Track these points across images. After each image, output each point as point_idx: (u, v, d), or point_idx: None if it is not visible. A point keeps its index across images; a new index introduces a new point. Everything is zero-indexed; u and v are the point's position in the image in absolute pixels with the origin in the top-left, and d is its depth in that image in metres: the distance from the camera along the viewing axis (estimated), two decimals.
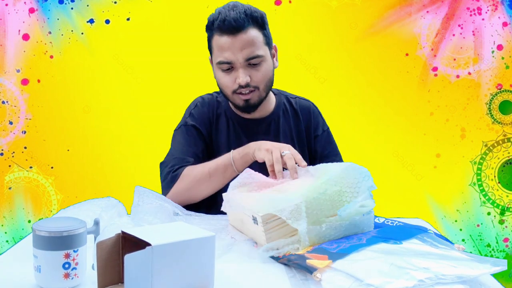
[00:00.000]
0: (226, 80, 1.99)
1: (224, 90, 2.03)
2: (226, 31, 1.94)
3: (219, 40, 1.96)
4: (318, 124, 2.21)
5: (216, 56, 1.99)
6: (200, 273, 1.19)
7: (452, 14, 3.24)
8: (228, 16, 1.94)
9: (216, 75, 2.04)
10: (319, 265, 1.26)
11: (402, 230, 1.55)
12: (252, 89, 1.99)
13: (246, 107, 2.03)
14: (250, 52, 1.95)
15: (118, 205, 1.63)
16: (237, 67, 1.96)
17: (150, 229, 1.24)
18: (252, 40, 1.96)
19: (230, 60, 1.95)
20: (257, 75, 1.98)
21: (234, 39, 1.94)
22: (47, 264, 1.18)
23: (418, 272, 1.21)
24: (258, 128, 2.11)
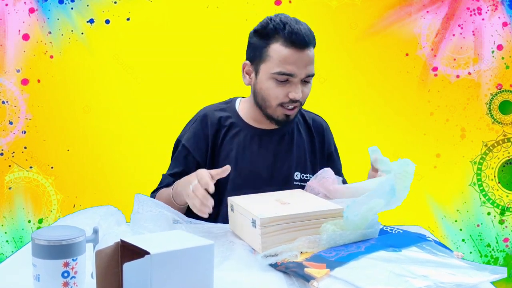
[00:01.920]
0: (278, 92, 1.95)
1: (269, 100, 1.98)
2: (295, 44, 1.91)
3: (282, 51, 1.92)
4: (330, 142, 2.22)
5: (274, 65, 1.93)
6: (199, 281, 1.20)
7: (452, 14, 3.23)
8: (299, 30, 1.92)
9: (263, 83, 1.98)
10: (316, 274, 1.26)
11: (401, 237, 1.56)
12: (297, 105, 1.98)
13: (285, 121, 2.01)
14: (310, 69, 1.95)
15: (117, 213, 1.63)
16: (295, 82, 1.94)
17: (149, 238, 1.24)
18: (312, 58, 1.96)
19: (294, 73, 1.92)
20: (306, 92, 1.98)
21: (301, 53, 1.92)
22: (46, 273, 1.18)
23: (417, 280, 1.21)
24: (272, 138, 2.09)
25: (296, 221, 1.53)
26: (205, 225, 1.82)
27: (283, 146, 2.09)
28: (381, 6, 3.22)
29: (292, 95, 1.93)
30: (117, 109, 3.22)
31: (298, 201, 1.70)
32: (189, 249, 1.18)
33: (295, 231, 1.53)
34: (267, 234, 1.50)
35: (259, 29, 1.99)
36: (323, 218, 1.54)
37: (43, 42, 3.17)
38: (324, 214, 1.55)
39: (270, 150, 2.06)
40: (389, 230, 1.64)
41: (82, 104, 3.21)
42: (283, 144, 2.10)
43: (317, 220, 1.54)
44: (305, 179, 2.07)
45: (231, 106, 2.15)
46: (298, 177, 2.06)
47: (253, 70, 2.02)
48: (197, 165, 2.06)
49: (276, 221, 1.52)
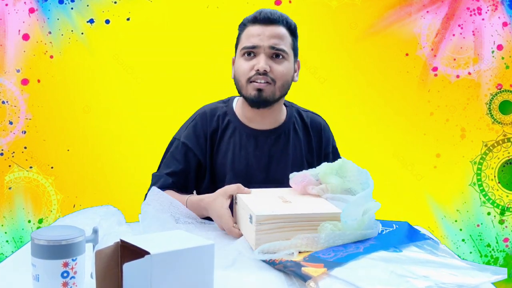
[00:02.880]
0: (245, 67, 1.99)
1: (240, 80, 2.01)
2: (259, 21, 1.99)
3: (250, 30, 2.00)
4: (328, 141, 2.21)
5: (242, 43, 2.01)
6: (199, 281, 1.19)
7: (452, 14, 3.23)
8: (265, 10, 2.00)
9: (236, 65, 2.04)
10: (313, 273, 1.26)
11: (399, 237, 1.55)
12: (269, 81, 1.98)
13: (257, 98, 1.99)
14: (276, 42, 1.98)
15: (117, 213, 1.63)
16: (259, 53, 1.97)
17: (149, 238, 1.24)
18: (281, 34, 2.00)
19: (256, 44, 1.97)
20: (278, 69, 1.99)
21: (265, 28, 1.98)
22: (45, 273, 1.18)
23: (418, 280, 1.21)
24: (268, 139, 2.10)
25: (292, 221, 1.54)
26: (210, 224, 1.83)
27: (279, 147, 2.10)
28: (381, 6, 3.22)
29: (256, 66, 1.96)
30: (117, 109, 3.22)
31: (300, 201, 1.70)
32: (189, 249, 1.18)
33: (290, 230, 1.53)
34: (262, 231, 1.51)
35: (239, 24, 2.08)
36: (320, 221, 1.54)
37: (43, 42, 3.17)
38: (321, 217, 1.55)
39: (265, 151, 2.07)
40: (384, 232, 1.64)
41: (82, 104, 3.21)
42: (278, 145, 2.10)
43: (314, 222, 1.54)
44: None
45: (229, 105, 2.16)
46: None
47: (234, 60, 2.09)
48: (198, 162, 2.08)
49: (272, 219, 1.52)
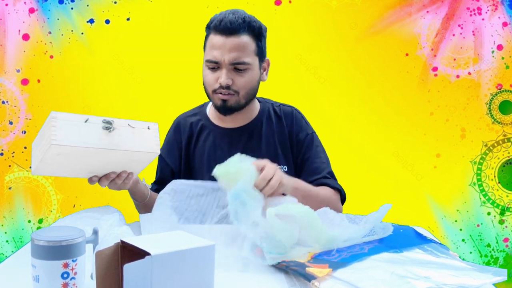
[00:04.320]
0: (210, 78, 2.02)
1: (206, 88, 2.06)
2: (220, 31, 1.98)
3: (212, 39, 2.00)
4: (301, 128, 2.20)
5: (206, 53, 2.04)
6: (200, 282, 1.19)
7: (452, 14, 3.23)
8: (225, 18, 1.98)
9: (203, 72, 2.07)
10: (318, 274, 1.26)
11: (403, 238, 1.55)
12: (232, 93, 2.01)
13: (223, 108, 2.05)
14: (237, 56, 1.98)
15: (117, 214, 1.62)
16: (222, 68, 1.99)
17: (149, 238, 1.23)
18: (242, 45, 1.99)
19: (217, 59, 1.98)
20: (240, 81, 2.01)
21: (226, 40, 1.98)
22: (45, 274, 1.18)
23: (419, 281, 1.21)
24: (241, 137, 2.13)
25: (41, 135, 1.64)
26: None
27: (252, 143, 2.12)
28: (381, 6, 3.22)
29: (219, 81, 1.99)
30: (117, 109, 3.22)
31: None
32: (190, 250, 1.18)
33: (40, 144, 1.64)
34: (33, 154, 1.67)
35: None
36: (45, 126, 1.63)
37: (43, 42, 3.17)
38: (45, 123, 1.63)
39: (239, 148, 2.07)
40: None
41: (82, 104, 3.21)
42: (252, 141, 2.13)
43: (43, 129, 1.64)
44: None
45: (203, 110, 2.23)
46: None
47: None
48: (170, 171, 2.17)
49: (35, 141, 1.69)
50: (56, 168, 1.69)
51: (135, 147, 1.70)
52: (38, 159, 1.63)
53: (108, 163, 1.72)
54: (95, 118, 1.63)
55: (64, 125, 1.56)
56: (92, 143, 1.62)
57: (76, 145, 1.60)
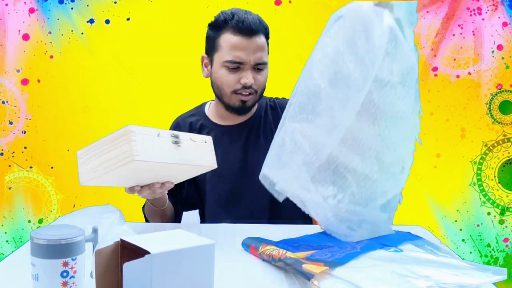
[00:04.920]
0: (230, 79, 2.01)
1: (223, 88, 2.04)
2: (242, 32, 1.98)
3: (231, 39, 1.99)
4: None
5: (224, 54, 2.01)
6: (200, 281, 1.19)
7: (452, 14, 3.23)
8: (246, 19, 1.98)
9: (217, 73, 2.05)
10: (315, 270, 1.26)
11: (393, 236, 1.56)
12: (252, 92, 2.02)
13: (242, 108, 2.06)
14: (260, 56, 2.00)
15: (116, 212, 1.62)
16: (245, 69, 1.99)
17: (149, 237, 1.23)
18: (262, 45, 2.01)
19: (243, 60, 1.98)
20: (260, 80, 2.03)
21: (249, 41, 1.98)
22: (45, 273, 1.17)
23: (419, 280, 1.21)
24: (241, 133, 2.14)
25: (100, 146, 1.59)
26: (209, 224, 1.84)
27: (252, 139, 2.13)
28: None
29: (243, 81, 1.99)
30: (117, 109, 3.22)
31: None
32: (189, 248, 1.17)
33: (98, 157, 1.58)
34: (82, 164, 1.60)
35: (212, 22, 2.07)
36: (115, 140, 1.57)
37: (43, 42, 3.17)
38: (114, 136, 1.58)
39: (239, 145, 2.10)
40: None
41: (82, 104, 3.21)
42: (251, 137, 2.13)
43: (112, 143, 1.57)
44: None
45: (201, 109, 2.23)
46: None
47: (209, 62, 2.10)
48: None
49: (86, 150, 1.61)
50: (111, 180, 1.66)
51: (198, 162, 1.70)
52: (98, 171, 1.59)
53: (161, 175, 1.70)
54: (164, 132, 1.62)
55: (142, 140, 1.54)
56: (167, 157, 1.62)
57: (155, 160, 1.59)
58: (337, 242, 1.61)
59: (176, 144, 1.63)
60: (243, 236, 1.62)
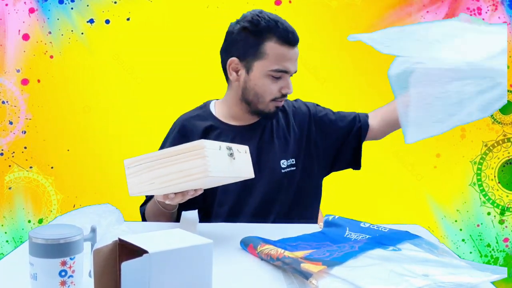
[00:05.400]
0: (273, 88, 2.00)
1: (263, 97, 2.02)
2: (288, 42, 1.98)
3: (278, 49, 1.97)
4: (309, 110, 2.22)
5: (271, 63, 1.98)
6: (198, 280, 1.19)
7: (452, 14, 3.23)
8: (290, 28, 2.00)
9: (257, 81, 2.01)
10: (313, 269, 1.26)
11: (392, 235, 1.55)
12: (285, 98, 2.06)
13: (275, 113, 2.07)
14: (297, 65, 2.04)
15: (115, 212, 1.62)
16: (286, 78, 2.00)
17: (147, 236, 1.23)
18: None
19: (289, 70, 1.99)
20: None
21: (293, 51, 1.99)
22: (43, 272, 1.17)
23: (418, 279, 1.21)
24: (254, 133, 2.11)
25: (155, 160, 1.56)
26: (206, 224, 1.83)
27: (265, 139, 2.11)
28: (381, 6, 3.22)
29: (285, 90, 2.00)
30: (117, 109, 3.22)
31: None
32: (188, 248, 1.17)
33: (158, 168, 1.55)
34: (131, 174, 1.57)
35: (249, 26, 2.01)
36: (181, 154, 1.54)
37: (43, 42, 3.17)
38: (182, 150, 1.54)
39: (253, 145, 2.06)
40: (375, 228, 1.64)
41: (82, 104, 3.22)
42: (264, 137, 2.11)
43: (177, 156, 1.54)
44: (292, 165, 2.09)
45: (206, 109, 2.17)
46: (285, 164, 2.07)
47: (242, 67, 2.04)
48: None
49: (137, 161, 1.57)
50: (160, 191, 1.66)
51: (243, 173, 1.70)
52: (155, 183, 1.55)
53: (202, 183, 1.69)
54: (222, 144, 1.61)
55: (212, 155, 1.53)
56: (228, 171, 1.62)
57: (223, 175, 1.60)
58: (335, 241, 1.61)
59: (231, 157, 1.63)
60: (241, 236, 1.62)
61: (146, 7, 3.20)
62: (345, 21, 3.22)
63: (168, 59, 3.20)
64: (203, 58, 3.19)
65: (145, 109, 3.21)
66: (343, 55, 3.26)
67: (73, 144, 3.23)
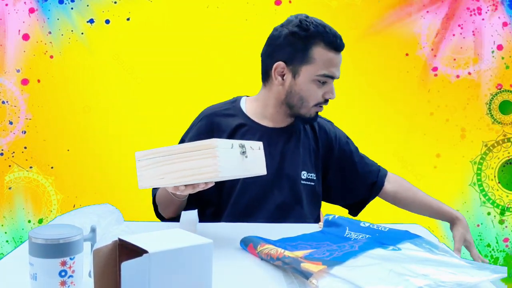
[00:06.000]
0: (318, 93, 1.99)
1: (308, 101, 2.01)
2: (336, 48, 1.98)
3: (327, 54, 1.97)
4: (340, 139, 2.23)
5: (319, 68, 1.97)
6: (198, 280, 1.19)
7: (452, 14, 3.23)
8: (337, 34, 2.00)
9: (304, 85, 2.00)
10: (313, 269, 1.25)
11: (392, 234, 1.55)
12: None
13: (315, 118, 2.07)
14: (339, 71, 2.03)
15: (115, 212, 1.62)
16: (330, 83, 2.00)
17: (147, 236, 1.23)
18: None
19: (335, 75, 1.99)
20: None
21: (339, 56, 2.01)
22: (43, 272, 1.17)
23: (418, 279, 1.21)
24: (281, 137, 2.08)
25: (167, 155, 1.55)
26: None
27: (291, 145, 2.08)
28: (381, 6, 3.22)
29: (329, 96, 2.00)
30: (117, 109, 3.22)
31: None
32: (187, 247, 1.17)
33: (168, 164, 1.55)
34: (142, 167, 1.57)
35: (298, 31, 1.99)
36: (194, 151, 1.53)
37: (43, 42, 3.17)
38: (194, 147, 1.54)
39: (278, 149, 2.05)
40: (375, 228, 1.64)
41: (82, 104, 3.22)
42: (290, 143, 2.09)
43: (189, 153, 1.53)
44: (311, 179, 2.08)
45: (236, 105, 2.13)
46: (305, 176, 2.06)
47: (289, 71, 2.01)
48: None
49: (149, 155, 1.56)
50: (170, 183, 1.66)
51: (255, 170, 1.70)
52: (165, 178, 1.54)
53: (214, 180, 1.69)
54: (234, 142, 1.60)
55: (223, 154, 1.52)
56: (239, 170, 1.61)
57: (233, 175, 1.61)
58: (335, 241, 1.61)
59: (243, 155, 1.62)
60: (241, 235, 1.62)
61: (146, 7, 3.20)
62: (345, 21, 3.22)
63: (168, 59, 3.20)
64: (203, 58, 3.19)
65: (145, 109, 3.21)
66: (343, 55, 3.24)
67: (73, 144, 3.23)
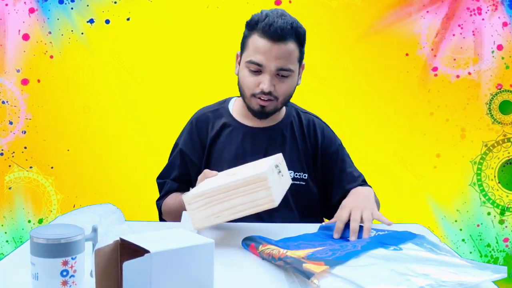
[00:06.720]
0: (250, 81, 1.97)
1: (244, 90, 2.01)
2: (268, 36, 1.92)
3: (257, 41, 1.94)
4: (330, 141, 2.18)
5: (248, 54, 1.96)
6: (199, 280, 1.19)
7: (452, 14, 3.23)
8: (275, 23, 1.91)
9: (241, 73, 2.01)
10: (315, 269, 1.26)
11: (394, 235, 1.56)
12: (272, 99, 1.98)
13: (259, 113, 2.01)
14: (283, 63, 1.94)
15: (116, 211, 1.62)
16: (265, 73, 1.94)
17: (148, 236, 1.23)
18: (289, 53, 1.94)
19: (262, 63, 1.93)
20: (281, 87, 1.98)
21: (273, 46, 1.92)
22: (44, 272, 1.17)
23: (419, 278, 1.21)
24: (265, 136, 2.09)
25: (217, 194, 1.56)
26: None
27: (275, 144, 2.08)
28: (381, 6, 3.22)
29: (261, 86, 1.94)
30: (117, 109, 3.22)
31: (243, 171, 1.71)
32: (189, 247, 1.18)
33: (220, 202, 1.56)
34: (193, 210, 1.57)
35: (248, 21, 2.00)
36: (243, 186, 1.55)
37: (43, 42, 3.17)
38: (243, 183, 1.55)
39: (262, 148, 2.05)
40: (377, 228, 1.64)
41: (82, 104, 3.21)
42: (275, 143, 2.09)
43: (240, 189, 1.55)
44: (299, 178, 2.07)
45: (225, 106, 2.16)
46: (292, 175, 2.04)
47: (239, 60, 2.05)
48: (195, 167, 2.10)
49: (198, 197, 1.57)
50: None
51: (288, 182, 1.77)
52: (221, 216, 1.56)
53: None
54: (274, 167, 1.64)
55: (272, 184, 1.55)
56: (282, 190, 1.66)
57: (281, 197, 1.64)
58: (337, 241, 1.61)
59: (279, 174, 1.64)
60: (242, 235, 1.62)
61: (146, 7, 3.20)
62: (345, 21, 3.22)
63: (168, 59, 3.20)
64: (203, 58, 3.19)
65: (145, 109, 3.21)
66: (343, 55, 3.26)
67: (73, 144, 3.23)
